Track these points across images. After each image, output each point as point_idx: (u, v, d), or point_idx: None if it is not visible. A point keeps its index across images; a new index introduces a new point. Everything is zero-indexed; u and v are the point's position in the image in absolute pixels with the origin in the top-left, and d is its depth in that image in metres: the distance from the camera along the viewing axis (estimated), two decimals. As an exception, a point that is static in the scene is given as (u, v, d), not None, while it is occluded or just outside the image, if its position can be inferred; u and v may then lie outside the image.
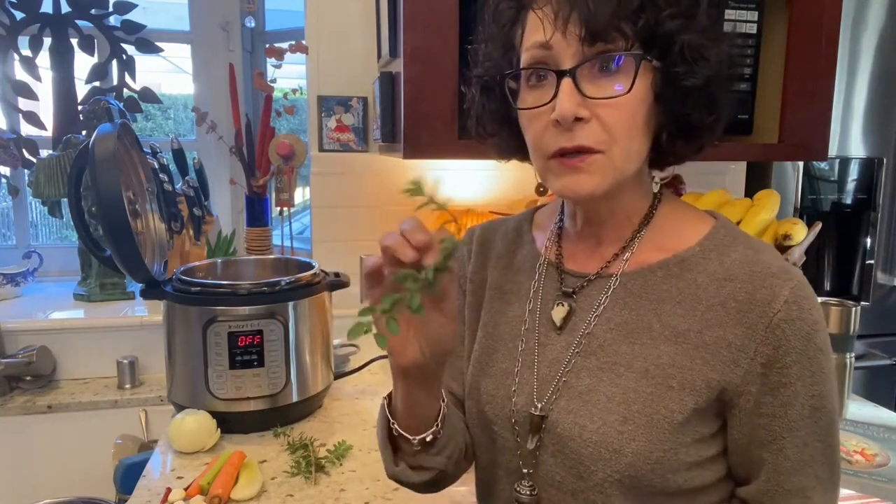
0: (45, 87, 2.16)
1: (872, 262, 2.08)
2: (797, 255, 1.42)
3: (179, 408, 1.37)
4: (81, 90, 2.17)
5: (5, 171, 2.16)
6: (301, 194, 2.17)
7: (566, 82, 0.67)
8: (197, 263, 1.58)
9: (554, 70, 0.68)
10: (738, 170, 2.03)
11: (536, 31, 0.69)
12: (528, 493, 0.78)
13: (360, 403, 1.57)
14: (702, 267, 0.74)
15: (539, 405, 0.77)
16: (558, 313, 0.80)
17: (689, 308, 0.72)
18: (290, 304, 1.38)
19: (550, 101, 0.68)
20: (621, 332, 0.75)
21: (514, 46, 0.73)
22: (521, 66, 0.72)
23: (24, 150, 2.11)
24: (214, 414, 1.33)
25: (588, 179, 0.70)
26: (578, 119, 0.67)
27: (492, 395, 0.82)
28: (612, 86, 0.67)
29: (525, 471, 0.79)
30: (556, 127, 0.68)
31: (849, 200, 2.06)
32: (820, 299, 1.42)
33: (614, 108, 0.67)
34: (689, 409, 0.70)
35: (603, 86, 0.67)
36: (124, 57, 2.18)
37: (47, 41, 2.12)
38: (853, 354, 1.41)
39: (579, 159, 0.69)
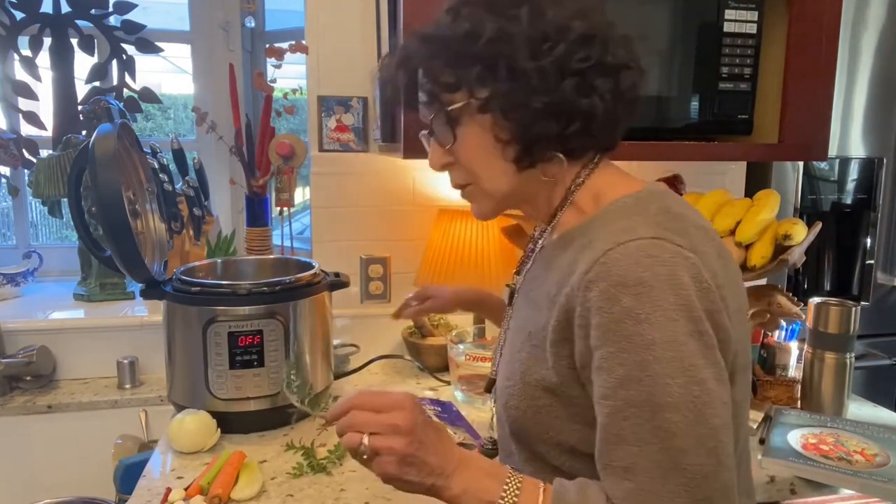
0: (45, 87, 2.16)
1: (872, 262, 2.08)
2: (797, 255, 1.42)
3: (179, 408, 1.37)
4: (81, 90, 2.17)
5: (5, 171, 2.15)
6: (301, 194, 2.17)
7: (432, 141, 0.84)
8: (197, 263, 1.58)
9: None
10: (738, 170, 2.03)
11: None
12: (490, 445, 0.90)
13: (360, 403, 1.56)
14: (580, 238, 0.78)
15: (493, 369, 0.95)
16: (506, 290, 0.94)
17: (562, 275, 0.77)
18: (290, 304, 1.37)
19: None
20: (525, 300, 0.86)
21: None
22: None
23: (24, 150, 2.11)
24: (214, 414, 1.33)
25: (476, 207, 0.87)
26: (447, 165, 0.84)
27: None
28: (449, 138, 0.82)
29: (492, 425, 0.97)
30: None
31: (849, 200, 2.05)
32: (820, 299, 1.43)
33: (461, 153, 0.81)
34: (548, 368, 0.76)
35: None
36: (124, 57, 2.18)
37: (47, 41, 2.12)
38: (853, 354, 1.41)
39: (462, 193, 0.86)
